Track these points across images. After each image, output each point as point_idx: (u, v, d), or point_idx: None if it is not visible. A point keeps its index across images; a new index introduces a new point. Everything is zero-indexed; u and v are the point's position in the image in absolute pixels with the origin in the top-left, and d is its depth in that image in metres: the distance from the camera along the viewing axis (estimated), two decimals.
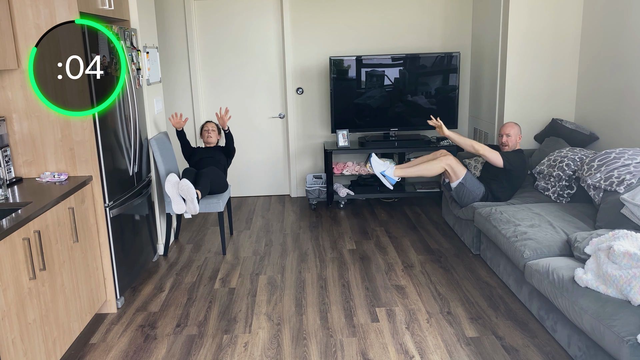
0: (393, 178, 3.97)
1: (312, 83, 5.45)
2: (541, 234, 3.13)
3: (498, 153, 3.81)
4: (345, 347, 2.82)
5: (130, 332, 3.06)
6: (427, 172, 3.92)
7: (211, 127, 4.55)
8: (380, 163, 3.98)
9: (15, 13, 2.86)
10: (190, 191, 3.72)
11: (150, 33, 4.15)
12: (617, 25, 3.90)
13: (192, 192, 3.72)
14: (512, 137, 3.91)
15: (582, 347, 2.53)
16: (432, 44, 5.38)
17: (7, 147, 3.00)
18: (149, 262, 3.93)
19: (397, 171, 3.95)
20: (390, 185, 4.00)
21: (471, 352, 2.73)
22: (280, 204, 5.48)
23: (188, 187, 3.72)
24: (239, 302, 3.36)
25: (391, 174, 3.95)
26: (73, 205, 2.85)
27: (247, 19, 5.34)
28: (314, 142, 5.61)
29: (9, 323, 2.21)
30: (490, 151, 3.78)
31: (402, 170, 3.95)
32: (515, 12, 4.40)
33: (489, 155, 3.77)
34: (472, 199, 3.94)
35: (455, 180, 3.94)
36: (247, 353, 2.80)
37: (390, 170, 3.95)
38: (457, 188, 3.95)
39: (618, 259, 2.39)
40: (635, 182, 3.13)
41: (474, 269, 3.74)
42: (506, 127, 3.92)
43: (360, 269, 3.80)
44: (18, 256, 2.29)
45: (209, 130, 4.51)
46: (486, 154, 3.77)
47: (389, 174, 3.95)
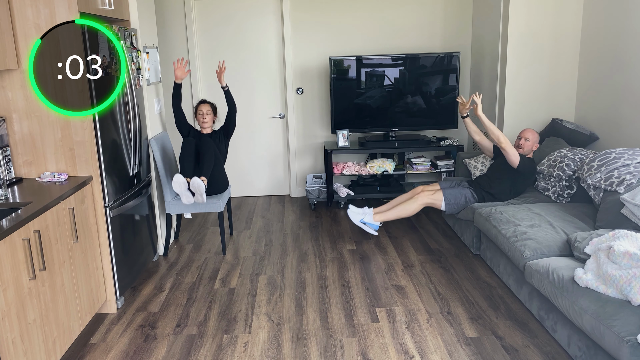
0: (374, 224, 4.09)
1: (312, 83, 5.45)
2: (541, 234, 3.13)
3: (517, 153, 3.83)
4: (345, 347, 2.82)
5: (130, 332, 3.06)
6: (404, 213, 4.03)
7: (206, 109, 4.18)
8: (358, 212, 4.10)
9: (15, 13, 2.86)
10: (201, 187, 3.82)
11: (150, 33, 4.15)
12: (617, 25, 3.90)
13: (202, 187, 3.83)
14: (529, 142, 3.92)
15: (582, 347, 2.53)
16: (432, 44, 5.38)
17: (7, 147, 3.00)
18: (149, 262, 3.93)
19: (376, 217, 4.08)
20: (374, 232, 4.14)
21: (471, 352, 2.73)
22: (280, 204, 5.48)
23: (199, 184, 3.81)
24: (239, 302, 3.36)
25: (371, 220, 4.08)
26: (73, 205, 2.85)
27: (247, 18, 5.34)
28: (314, 142, 5.61)
29: (9, 323, 2.21)
30: (512, 148, 3.79)
31: (381, 215, 4.07)
32: (515, 12, 4.40)
33: (510, 151, 3.78)
34: (464, 204, 3.99)
35: (442, 205, 4.02)
36: (247, 353, 2.80)
37: (370, 217, 4.08)
38: (447, 209, 4.04)
39: (618, 259, 2.39)
40: (635, 182, 3.13)
41: (474, 269, 3.74)
42: (526, 132, 3.95)
43: (360, 269, 3.80)
44: (18, 256, 2.29)
45: (204, 114, 4.17)
46: (508, 149, 3.78)
47: (369, 220, 4.08)
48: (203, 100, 4.25)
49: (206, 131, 4.23)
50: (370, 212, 4.11)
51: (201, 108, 4.19)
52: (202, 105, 4.21)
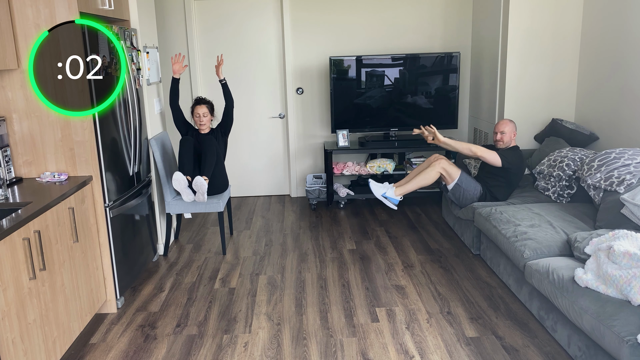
0: (395, 198, 4.02)
1: (312, 83, 5.45)
2: (541, 234, 3.13)
3: (496, 153, 3.81)
4: (345, 347, 2.82)
5: (130, 332, 3.06)
6: (424, 181, 3.95)
7: (202, 111, 4.07)
8: (379, 186, 4.03)
9: (15, 13, 2.86)
10: (203, 186, 3.84)
11: (150, 33, 4.15)
12: (617, 25, 3.90)
13: (204, 187, 3.85)
14: (506, 135, 3.91)
15: (582, 347, 2.53)
16: (432, 44, 5.38)
17: (7, 147, 3.00)
18: (149, 262, 3.93)
19: (397, 190, 4.01)
20: (394, 206, 4.06)
21: (471, 352, 2.73)
22: (280, 204, 5.48)
23: (201, 183, 3.83)
24: (239, 302, 3.36)
25: (392, 195, 4.01)
26: (73, 205, 2.85)
27: (247, 18, 5.34)
28: (314, 142, 5.61)
29: (9, 323, 2.21)
30: (488, 152, 3.78)
31: (402, 188, 4.00)
32: (515, 12, 4.40)
33: (487, 156, 3.78)
34: (470, 199, 3.94)
35: (451, 182, 3.95)
36: (247, 353, 2.80)
37: (391, 191, 4.01)
38: (453, 189, 3.96)
39: (618, 259, 2.39)
40: (635, 182, 3.13)
41: (474, 269, 3.74)
42: (500, 125, 3.93)
43: (360, 269, 3.80)
44: (18, 256, 2.29)
45: (201, 116, 4.07)
46: (484, 155, 3.77)
47: (390, 194, 4.01)
48: (199, 100, 4.13)
49: (204, 131, 4.18)
50: (392, 187, 4.04)
51: (198, 110, 4.09)
52: (199, 107, 4.10)
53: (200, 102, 4.12)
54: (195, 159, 4.04)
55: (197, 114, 4.09)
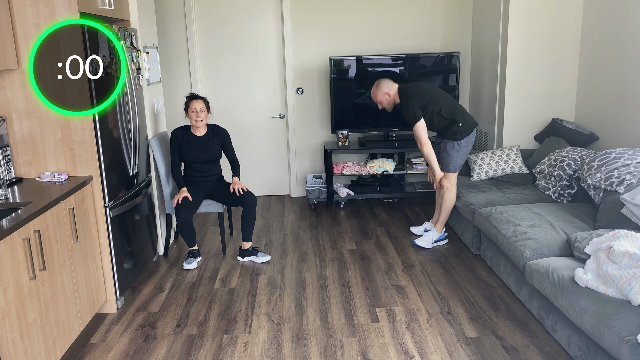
0: (441, 234, 4.20)
1: (312, 83, 5.45)
2: (541, 234, 3.13)
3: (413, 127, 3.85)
4: (345, 347, 2.82)
5: (130, 332, 3.06)
6: (451, 204, 4.07)
7: (199, 106, 3.78)
8: (425, 237, 4.17)
9: (15, 13, 2.86)
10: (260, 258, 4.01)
11: (150, 33, 4.15)
12: (617, 25, 3.90)
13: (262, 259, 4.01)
14: (383, 101, 3.99)
15: (582, 347, 2.53)
16: (432, 44, 5.37)
17: (7, 147, 3.00)
18: (149, 262, 3.93)
19: (437, 227, 4.19)
20: (446, 241, 4.23)
21: (471, 352, 2.73)
22: (280, 204, 5.48)
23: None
24: (239, 302, 3.36)
25: (437, 234, 4.18)
26: (73, 205, 2.85)
27: (247, 18, 5.33)
28: (314, 142, 5.61)
29: (9, 323, 2.21)
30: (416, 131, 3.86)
31: (440, 224, 4.17)
32: (515, 12, 4.40)
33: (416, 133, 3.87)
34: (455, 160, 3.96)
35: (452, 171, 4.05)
36: (247, 353, 2.80)
37: (435, 233, 4.18)
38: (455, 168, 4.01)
39: (618, 259, 2.39)
40: (635, 182, 3.13)
41: (474, 269, 3.74)
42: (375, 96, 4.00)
43: (360, 269, 3.80)
44: (18, 256, 2.29)
45: (197, 112, 3.79)
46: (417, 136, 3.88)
47: (437, 236, 4.18)
48: (194, 96, 3.85)
49: (200, 132, 3.93)
50: (432, 230, 4.20)
51: (194, 105, 3.80)
52: (195, 101, 3.81)
53: (196, 97, 3.85)
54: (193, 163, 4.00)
55: (193, 109, 3.81)
